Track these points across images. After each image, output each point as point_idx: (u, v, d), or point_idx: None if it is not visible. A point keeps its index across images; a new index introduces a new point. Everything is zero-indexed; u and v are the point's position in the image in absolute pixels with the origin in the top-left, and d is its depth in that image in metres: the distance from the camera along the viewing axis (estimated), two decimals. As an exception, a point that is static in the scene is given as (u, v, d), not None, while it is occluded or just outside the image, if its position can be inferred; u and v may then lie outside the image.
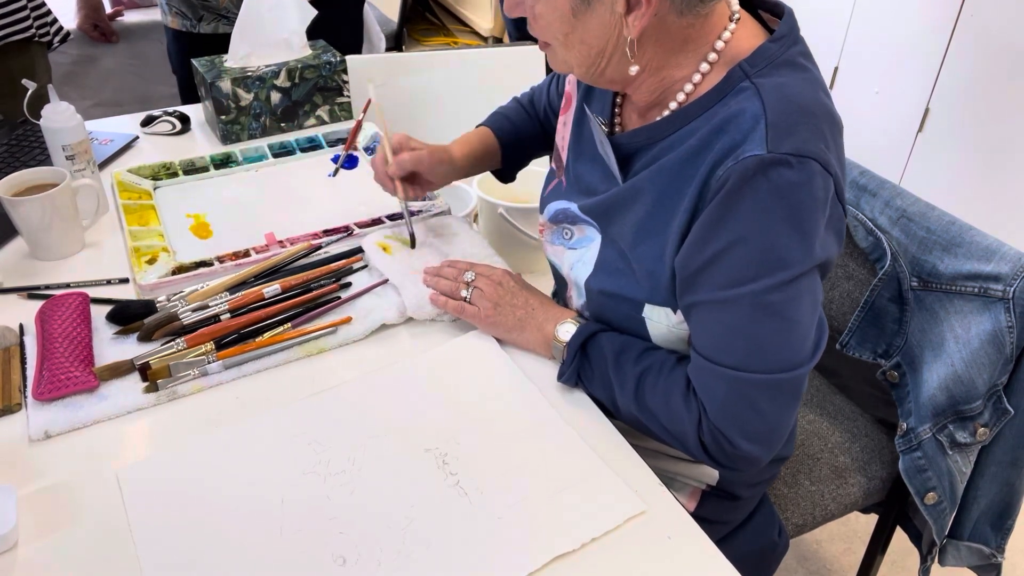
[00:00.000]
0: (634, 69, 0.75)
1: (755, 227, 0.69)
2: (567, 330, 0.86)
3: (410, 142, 1.04)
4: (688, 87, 0.76)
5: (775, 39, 0.73)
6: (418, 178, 1.05)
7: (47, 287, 0.99)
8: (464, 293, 0.92)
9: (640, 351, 0.82)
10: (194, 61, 1.40)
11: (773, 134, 0.67)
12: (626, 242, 0.81)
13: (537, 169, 1.21)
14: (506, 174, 1.16)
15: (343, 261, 1.03)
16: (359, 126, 1.34)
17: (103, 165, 1.31)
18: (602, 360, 0.83)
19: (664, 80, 0.77)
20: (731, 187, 0.68)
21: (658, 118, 0.78)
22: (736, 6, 0.76)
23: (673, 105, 0.77)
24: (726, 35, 0.74)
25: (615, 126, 0.87)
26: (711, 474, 0.91)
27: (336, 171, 1.28)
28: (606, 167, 0.84)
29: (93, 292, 0.97)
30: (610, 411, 0.84)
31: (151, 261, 1.02)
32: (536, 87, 1.14)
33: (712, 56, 0.75)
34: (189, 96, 1.72)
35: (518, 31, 2.65)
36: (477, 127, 1.13)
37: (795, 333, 0.72)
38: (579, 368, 0.84)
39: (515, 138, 1.12)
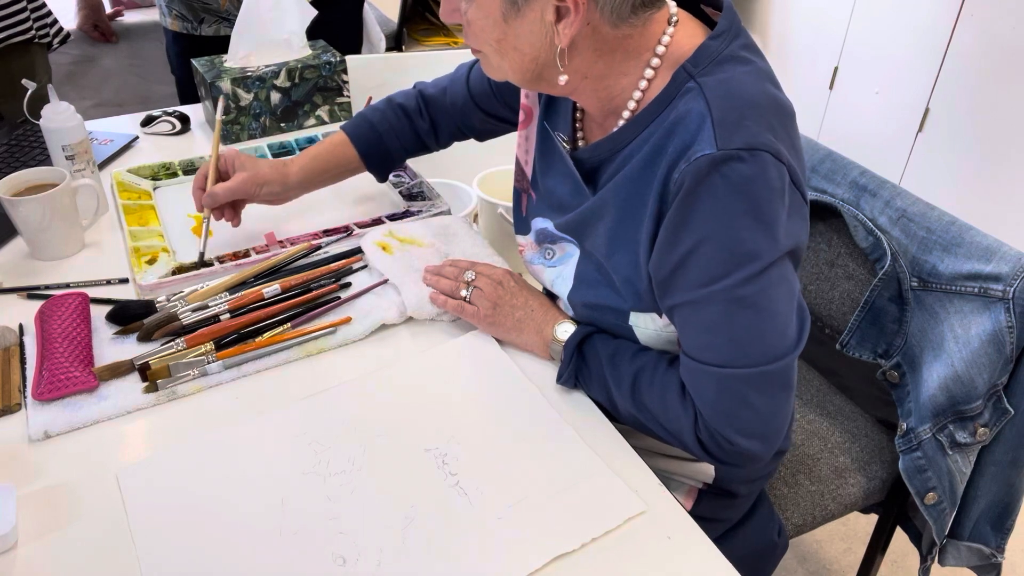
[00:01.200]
0: (563, 79, 0.75)
1: (717, 225, 0.69)
2: (565, 330, 0.86)
3: (237, 160, 1.03)
4: (637, 94, 0.77)
5: (715, 36, 0.74)
6: (240, 203, 1.06)
7: (47, 287, 0.99)
8: (464, 293, 0.92)
9: (634, 351, 0.83)
10: (194, 61, 1.40)
11: (721, 131, 0.68)
12: (601, 254, 0.82)
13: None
14: (377, 176, 1.14)
15: (343, 261, 1.03)
16: (359, 126, 1.34)
17: (103, 165, 1.31)
18: (597, 361, 0.83)
19: (610, 88, 0.77)
20: (688, 188, 0.69)
21: (615, 128, 0.79)
22: (674, 8, 0.76)
23: (626, 114, 0.78)
24: (665, 39, 0.74)
25: (578, 140, 0.88)
26: (707, 472, 0.91)
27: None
28: (575, 180, 0.85)
29: (93, 292, 0.97)
30: (611, 413, 0.84)
31: (151, 261, 1.02)
32: (442, 84, 1.09)
33: (655, 61, 0.75)
34: (187, 97, 1.72)
35: None
36: (340, 129, 1.10)
37: (774, 323, 0.73)
38: (577, 369, 0.84)
39: (377, 145, 1.09)
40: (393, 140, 1.09)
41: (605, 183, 0.80)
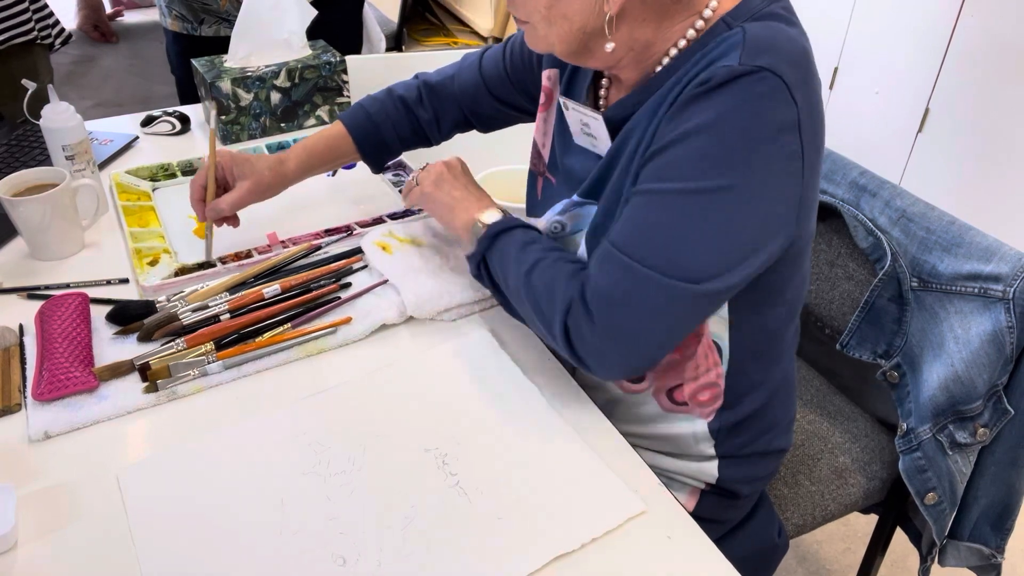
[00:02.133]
0: (609, 46, 0.75)
1: (706, 125, 0.69)
2: (492, 215, 0.87)
3: (235, 167, 1.02)
4: (673, 51, 0.77)
5: None
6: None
7: (47, 287, 0.99)
8: (414, 176, 0.96)
9: (550, 246, 0.82)
10: (194, 61, 1.40)
11: (748, 49, 0.69)
12: (616, 199, 0.81)
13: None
14: (372, 167, 1.14)
15: (343, 261, 1.03)
16: (359, 126, 1.34)
17: (103, 165, 1.31)
18: (511, 244, 0.83)
19: (654, 55, 0.78)
20: (695, 91, 0.69)
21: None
22: None
23: (659, 69, 0.78)
24: (713, 3, 0.75)
25: (600, 109, 0.87)
26: (710, 472, 0.91)
27: (335, 171, 1.28)
28: (593, 153, 0.85)
29: (93, 292, 0.97)
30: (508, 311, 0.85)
31: (153, 263, 1.02)
32: (448, 72, 1.09)
33: (700, 23, 0.76)
34: (187, 97, 1.72)
35: None
36: (338, 118, 1.10)
37: (711, 245, 0.71)
38: (485, 250, 0.84)
39: (374, 135, 1.09)
40: (390, 131, 1.10)
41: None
